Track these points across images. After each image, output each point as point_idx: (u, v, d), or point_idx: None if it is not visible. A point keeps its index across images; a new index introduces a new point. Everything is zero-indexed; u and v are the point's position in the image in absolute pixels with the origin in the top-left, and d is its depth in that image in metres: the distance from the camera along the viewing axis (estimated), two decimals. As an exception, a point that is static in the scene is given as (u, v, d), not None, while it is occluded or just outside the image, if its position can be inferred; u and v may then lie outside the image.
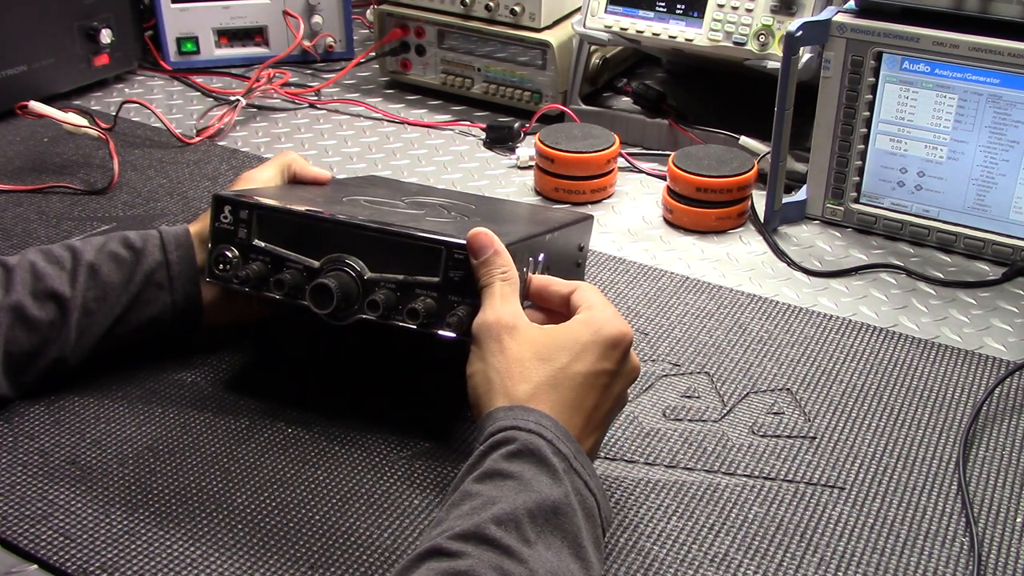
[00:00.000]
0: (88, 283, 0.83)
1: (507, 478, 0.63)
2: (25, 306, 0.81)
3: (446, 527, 0.60)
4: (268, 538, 0.72)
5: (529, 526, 0.60)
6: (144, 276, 0.85)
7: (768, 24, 1.19)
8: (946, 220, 1.10)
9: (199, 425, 0.83)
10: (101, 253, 0.85)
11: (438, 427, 0.83)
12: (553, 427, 0.66)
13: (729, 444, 0.82)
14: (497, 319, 0.71)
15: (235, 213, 0.82)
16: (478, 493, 0.62)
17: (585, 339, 0.70)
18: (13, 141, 1.32)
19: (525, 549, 0.59)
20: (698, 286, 1.04)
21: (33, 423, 0.82)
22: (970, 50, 1.02)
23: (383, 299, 0.76)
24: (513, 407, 0.67)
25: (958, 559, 0.72)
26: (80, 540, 0.72)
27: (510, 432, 0.65)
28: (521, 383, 0.68)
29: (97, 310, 0.83)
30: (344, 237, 0.78)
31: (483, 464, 0.64)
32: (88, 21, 1.43)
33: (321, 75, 1.56)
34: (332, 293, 0.76)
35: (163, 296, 0.85)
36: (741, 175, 1.13)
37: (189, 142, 1.33)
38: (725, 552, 0.72)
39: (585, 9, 1.30)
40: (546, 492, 0.62)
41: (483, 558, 0.57)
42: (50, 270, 0.83)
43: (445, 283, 0.75)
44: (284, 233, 0.81)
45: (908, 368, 0.91)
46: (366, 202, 0.88)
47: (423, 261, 0.76)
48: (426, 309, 0.75)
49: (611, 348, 0.70)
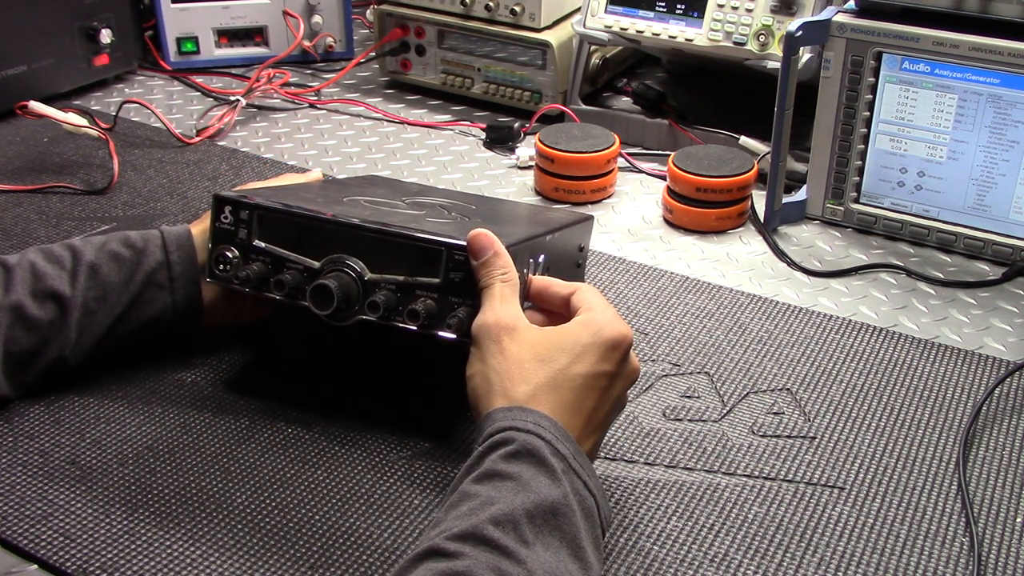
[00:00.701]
0: (88, 283, 0.83)
1: (505, 479, 0.63)
2: (25, 306, 0.81)
3: (444, 528, 0.60)
4: (268, 538, 0.72)
5: (527, 527, 0.60)
6: (145, 276, 0.85)
7: (768, 24, 1.19)
8: (946, 220, 1.10)
9: (199, 425, 0.83)
10: (102, 252, 0.85)
11: (438, 427, 0.83)
12: (552, 428, 0.66)
13: (729, 444, 0.82)
14: (497, 320, 0.71)
15: (235, 213, 0.82)
16: (476, 494, 0.62)
17: (585, 340, 0.70)
18: (13, 141, 1.32)
19: (523, 550, 0.59)
20: (698, 286, 1.04)
21: (33, 423, 0.82)
22: (970, 50, 1.02)
23: (383, 300, 0.76)
24: (512, 408, 0.67)
25: (958, 559, 0.72)
26: (80, 540, 0.71)
27: (508, 433, 0.65)
28: (521, 384, 0.68)
29: (97, 310, 0.83)
30: (344, 238, 0.78)
31: (481, 465, 0.64)
32: (88, 21, 1.43)
33: (321, 75, 1.56)
34: (332, 294, 0.76)
35: (163, 296, 0.85)
36: (741, 175, 1.13)
37: (189, 142, 1.33)
38: (725, 552, 0.72)
39: (585, 9, 1.30)
40: (544, 493, 0.62)
41: (481, 559, 0.57)
42: (50, 270, 0.83)
43: (445, 284, 0.75)
44: (285, 234, 0.81)
45: (908, 368, 0.91)
46: (366, 202, 0.88)
47: (423, 262, 0.76)
48: (426, 310, 0.75)
49: (611, 350, 0.70)
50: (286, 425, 0.83)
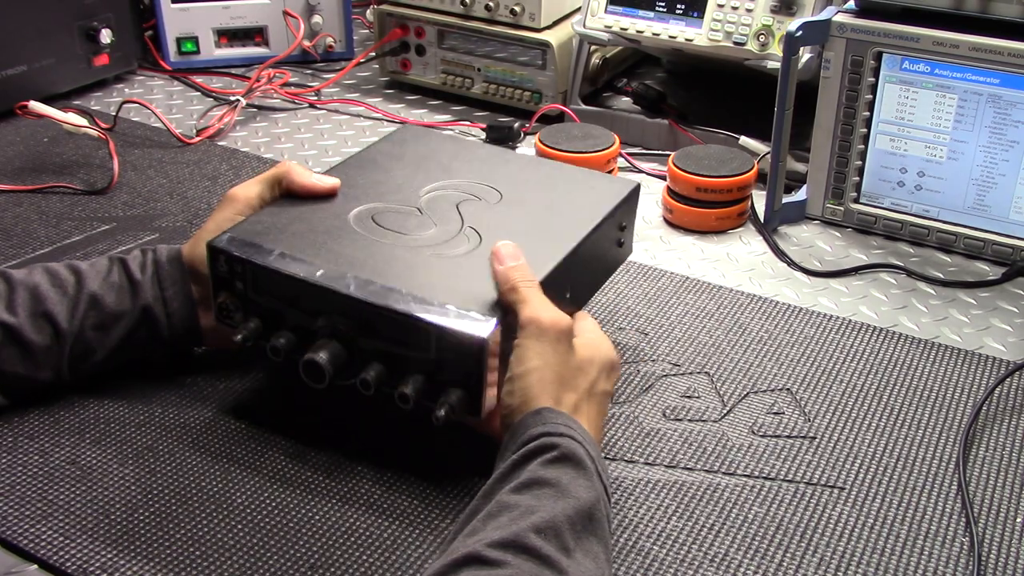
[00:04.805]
0: (88, 312, 0.82)
1: (544, 485, 0.63)
2: (23, 329, 0.80)
3: (483, 536, 0.60)
4: (268, 538, 0.72)
5: (569, 533, 0.61)
6: (142, 311, 0.83)
7: (768, 24, 1.19)
8: (946, 220, 1.10)
9: (199, 425, 0.83)
10: (105, 284, 0.83)
11: (438, 426, 0.83)
12: (585, 434, 0.69)
13: (729, 444, 0.82)
14: (554, 321, 0.71)
15: (230, 264, 0.79)
16: (516, 504, 0.62)
17: (603, 358, 0.75)
18: (13, 141, 1.32)
19: (564, 559, 0.59)
20: (698, 286, 1.04)
21: (33, 423, 0.82)
22: (970, 50, 1.02)
23: (374, 377, 0.74)
24: (559, 412, 0.69)
25: (958, 559, 0.72)
26: (80, 540, 0.71)
27: (550, 439, 0.66)
28: (571, 392, 0.71)
29: (94, 339, 0.82)
30: (336, 302, 0.75)
31: (521, 474, 0.65)
32: (88, 21, 1.43)
33: (321, 75, 1.56)
34: (324, 372, 0.74)
35: (160, 329, 0.84)
36: (741, 175, 1.13)
37: (189, 142, 1.33)
38: (725, 552, 0.72)
39: (585, 9, 1.30)
40: (584, 496, 0.63)
41: (523, 568, 0.57)
42: (52, 294, 0.81)
43: (438, 362, 0.73)
44: (279, 287, 0.78)
45: (908, 368, 0.91)
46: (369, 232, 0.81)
47: (416, 337, 0.73)
48: (416, 392, 0.73)
49: (613, 370, 0.76)
50: (286, 425, 0.83)
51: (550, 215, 0.85)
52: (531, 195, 0.88)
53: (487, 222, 0.83)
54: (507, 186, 0.89)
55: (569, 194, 0.88)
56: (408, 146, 0.96)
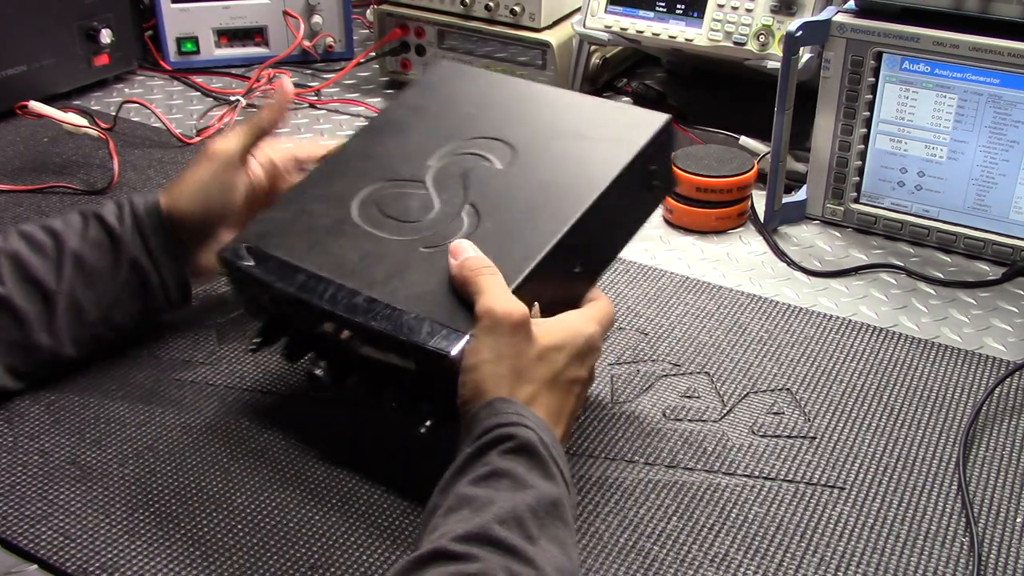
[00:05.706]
0: (74, 272, 0.83)
1: (503, 476, 0.63)
2: (12, 296, 0.81)
3: (446, 531, 0.60)
4: (268, 538, 0.72)
5: (532, 522, 0.60)
6: (129, 264, 0.85)
7: (768, 24, 1.19)
8: (946, 220, 1.10)
9: (199, 425, 0.83)
10: (84, 241, 0.84)
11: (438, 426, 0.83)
12: (542, 425, 0.67)
13: (729, 444, 0.82)
14: (507, 312, 0.69)
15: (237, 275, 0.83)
16: (475, 496, 0.62)
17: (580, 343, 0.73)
18: (13, 141, 1.32)
19: (530, 547, 0.59)
20: (698, 286, 1.04)
21: (33, 423, 0.82)
22: (970, 50, 1.02)
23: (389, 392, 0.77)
24: (513, 402, 0.68)
25: (958, 559, 0.72)
26: (80, 540, 0.72)
27: (508, 429, 0.65)
28: (526, 384, 0.69)
29: (86, 299, 0.84)
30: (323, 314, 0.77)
31: (477, 465, 0.64)
32: (88, 21, 1.43)
33: (321, 75, 1.55)
34: (325, 384, 0.77)
35: (150, 279, 0.86)
36: (741, 175, 1.13)
37: (189, 142, 1.33)
38: (725, 552, 0.72)
39: (585, 9, 1.30)
40: (543, 488, 0.63)
41: (490, 559, 0.57)
42: (34, 260, 0.83)
43: (419, 374, 0.74)
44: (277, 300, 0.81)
45: (908, 368, 0.91)
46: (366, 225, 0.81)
47: (397, 349, 0.74)
48: (401, 404, 0.75)
49: (589, 354, 0.74)
50: (286, 425, 0.83)
51: (560, 176, 0.81)
52: (546, 147, 0.84)
53: (491, 194, 0.81)
54: (523, 137, 0.85)
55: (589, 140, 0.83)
56: (435, 93, 0.93)
